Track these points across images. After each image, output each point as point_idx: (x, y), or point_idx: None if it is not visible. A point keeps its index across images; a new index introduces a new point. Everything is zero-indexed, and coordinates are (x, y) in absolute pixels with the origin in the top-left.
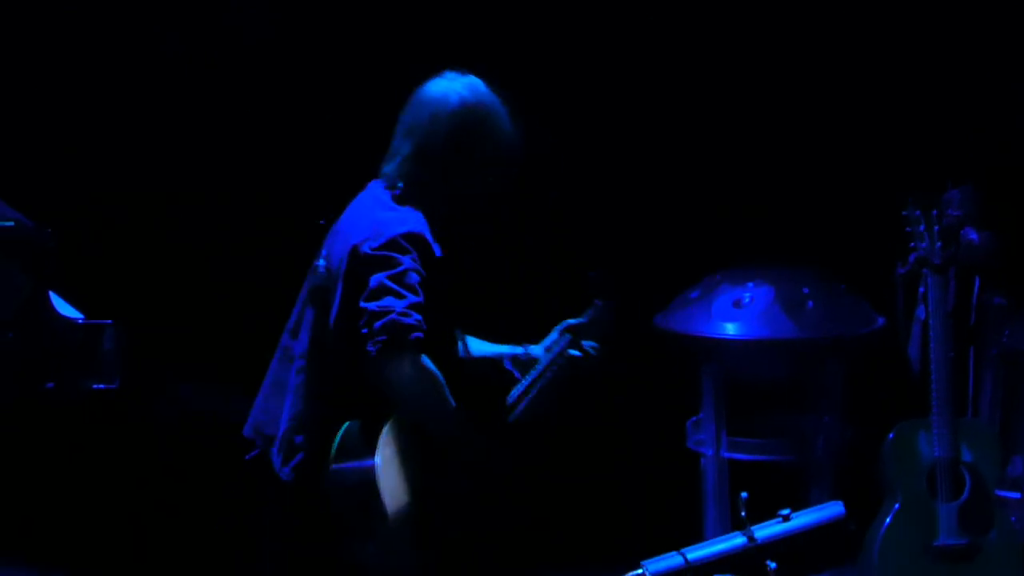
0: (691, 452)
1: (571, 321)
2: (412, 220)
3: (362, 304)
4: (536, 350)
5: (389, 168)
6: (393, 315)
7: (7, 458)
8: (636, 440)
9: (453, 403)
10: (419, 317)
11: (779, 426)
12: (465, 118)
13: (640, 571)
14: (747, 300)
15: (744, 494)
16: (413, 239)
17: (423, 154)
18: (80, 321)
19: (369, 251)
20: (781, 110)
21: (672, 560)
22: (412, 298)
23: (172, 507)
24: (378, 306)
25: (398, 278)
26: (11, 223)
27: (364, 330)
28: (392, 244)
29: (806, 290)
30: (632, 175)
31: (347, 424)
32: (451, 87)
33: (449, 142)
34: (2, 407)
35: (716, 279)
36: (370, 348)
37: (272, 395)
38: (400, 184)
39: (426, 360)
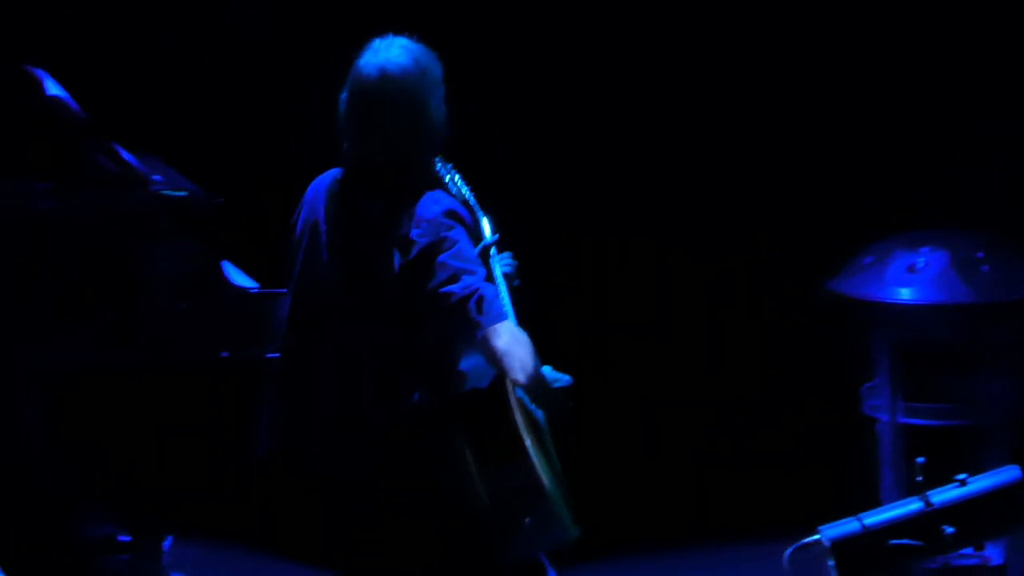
0: (866, 418)
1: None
2: (440, 198)
3: (442, 291)
4: None
5: (368, 150)
6: (479, 292)
7: (182, 425)
8: (812, 406)
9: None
10: (493, 286)
11: (954, 391)
12: (426, 79)
13: (816, 536)
14: (921, 265)
15: (921, 459)
16: (453, 215)
17: (412, 131)
18: (254, 290)
19: (419, 237)
20: (961, 71)
21: (849, 526)
22: (480, 270)
23: None
24: (461, 288)
25: (459, 255)
26: (184, 192)
27: (457, 313)
28: (439, 225)
29: (980, 254)
30: (807, 138)
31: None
32: (396, 57)
33: (432, 111)
34: (178, 376)
35: (890, 244)
36: (474, 330)
37: (333, 384)
38: (404, 164)
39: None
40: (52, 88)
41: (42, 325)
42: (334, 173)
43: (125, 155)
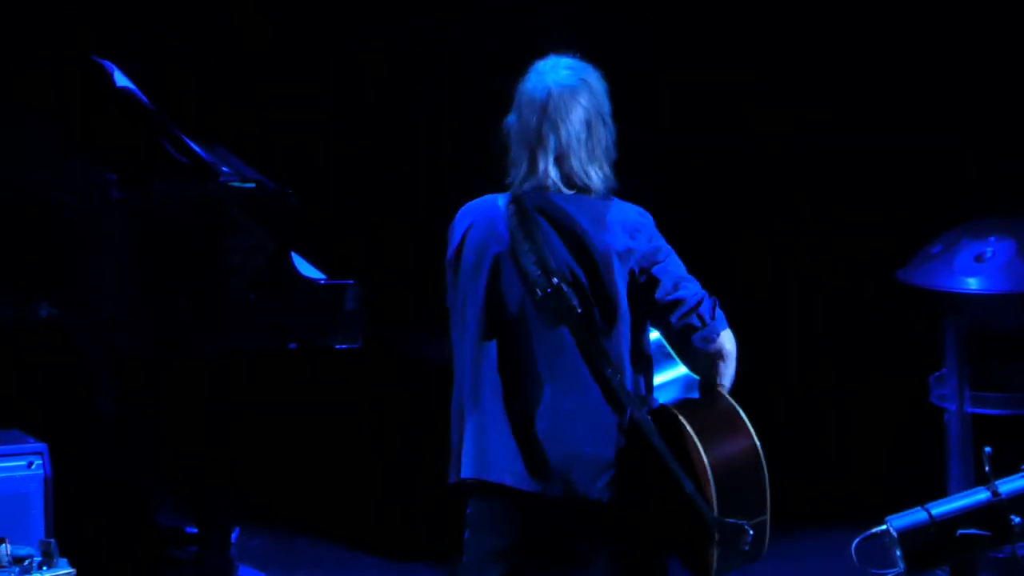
0: (934, 407)
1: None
2: (629, 205)
3: (670, 298)
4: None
5: (545, 173)
6: (703, 297)
7: (256, 415)
8: (879, 396)
9: None
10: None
11: (1022, 380)
12: (595, 95)
13: (884, 527)
14: (989, 254)
15: (988, 449)
16: (649, 220)
17: (591, 144)
18: (322, 281)
19: (635, 248)
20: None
21: (916, 516)
22: (691, 276)
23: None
24: (692, 295)
25: (676, 262)
26: (253, 184)
27: (687, 320)
28: (649, 233)
29: None
30: (878, 132)
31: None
32: (565, 78)
33: (594, 126)
34: (247, 366)
35: (957, 234)
36: (710, 324)
37: (557, 407)
38: (586, 178)
39: None
40: (121, 79)
41: (116, 314)
42: (504, 197)
43: (193, 146)
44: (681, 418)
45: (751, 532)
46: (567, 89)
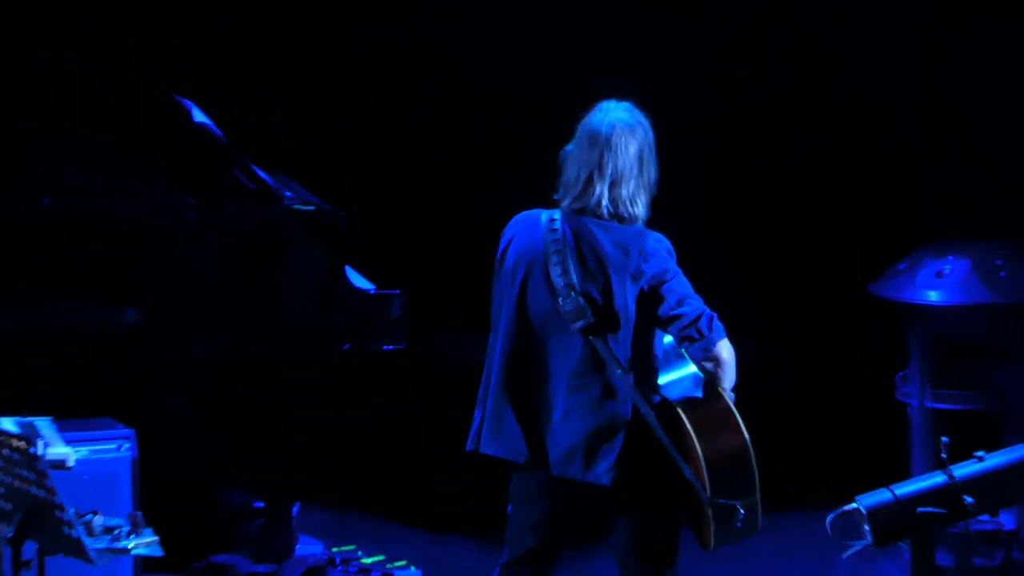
0: (899, 403)
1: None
2: (661, 237)
3: (673, 313)
4: None
5: (594, 199)
6: (703, 312)
7: (314, 407)
8: (853, 392)
9: None
10: (708, 309)
11: (976, 379)
12: (647, 136)
13: (855, 505)
14: (947, 271)
15: (945, 439)
16: (672, 251)
17: (639, 179)
18: (372, 292)
19: (646, 271)
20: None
21: (882, 496)
22: (698, 296)
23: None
24: (692, 310)
25: (681, 283)
26: (312, 207)
27: (687, 332)
28: (664, 259)
29: (999, 261)
30: (853, 163)
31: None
32: (625, 118)
33: (646, 162)
34: (306, 365)
35: (920, 253)
36: (708, 336)
37: (571, 401)
38: (630, 209)
39: None
40: (198, 116)
41: (193, 319)
42: (548, 214)
43: (260, 174)
44: (681, 412)
45: (742, 511)
46: (627, 127)
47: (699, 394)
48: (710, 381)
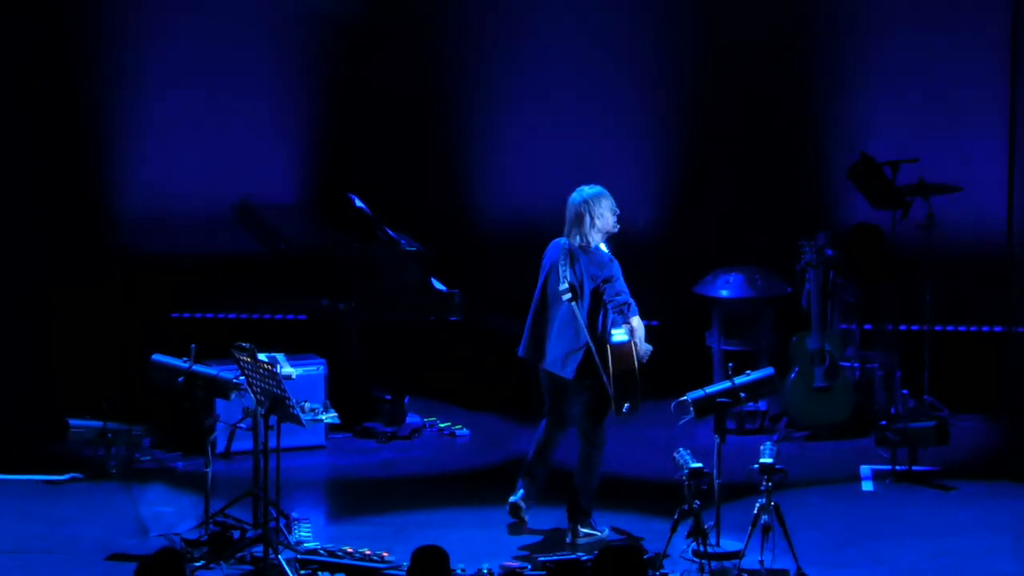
0: (707, 347)
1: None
2: (606, 253)
3: (609, 298)
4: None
5: (575, 237)
6: (628, 301)
7: (416, 348)
8: (685, 343)
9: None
10: (631, 299)
11: (746, 335)
12: (589, 204)
13: (685, 397)
14: (731, 280)
15: (731, 364)
16: (613, 260)
17: (589, 227)
18: (444, 290)
19: (601, 272)
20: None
21: (699, 393)
22: (626, 290)
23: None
24: (621, 298)
25: (619, 282)
26: (414, 248)
27: (615, 306)
28: (609, 267)
29: (756, 276)
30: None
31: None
32: (579, 194)
33: (593, 217)
34: (411, 328)
35: (718, 271)
36: (626, 312)
37: (559, 334)
38: (588, 241)
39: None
40: (357, 203)
41: (358, 304)
42: (561, 241)
43: (389, 231)
44: (608, 348)
45: (627, 404)
46: (578, 202)
47: (623, 341)
48: (629, 337)
